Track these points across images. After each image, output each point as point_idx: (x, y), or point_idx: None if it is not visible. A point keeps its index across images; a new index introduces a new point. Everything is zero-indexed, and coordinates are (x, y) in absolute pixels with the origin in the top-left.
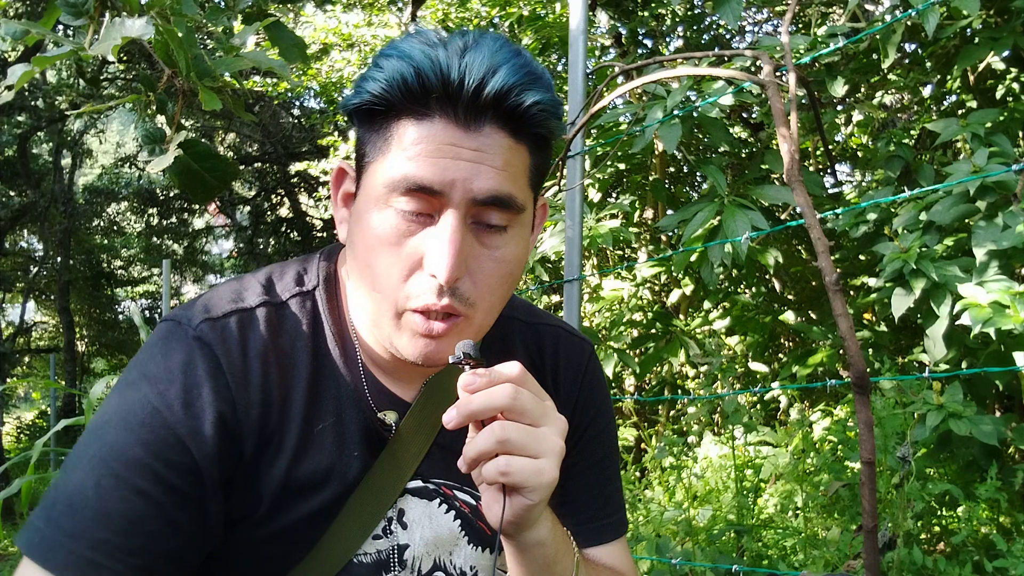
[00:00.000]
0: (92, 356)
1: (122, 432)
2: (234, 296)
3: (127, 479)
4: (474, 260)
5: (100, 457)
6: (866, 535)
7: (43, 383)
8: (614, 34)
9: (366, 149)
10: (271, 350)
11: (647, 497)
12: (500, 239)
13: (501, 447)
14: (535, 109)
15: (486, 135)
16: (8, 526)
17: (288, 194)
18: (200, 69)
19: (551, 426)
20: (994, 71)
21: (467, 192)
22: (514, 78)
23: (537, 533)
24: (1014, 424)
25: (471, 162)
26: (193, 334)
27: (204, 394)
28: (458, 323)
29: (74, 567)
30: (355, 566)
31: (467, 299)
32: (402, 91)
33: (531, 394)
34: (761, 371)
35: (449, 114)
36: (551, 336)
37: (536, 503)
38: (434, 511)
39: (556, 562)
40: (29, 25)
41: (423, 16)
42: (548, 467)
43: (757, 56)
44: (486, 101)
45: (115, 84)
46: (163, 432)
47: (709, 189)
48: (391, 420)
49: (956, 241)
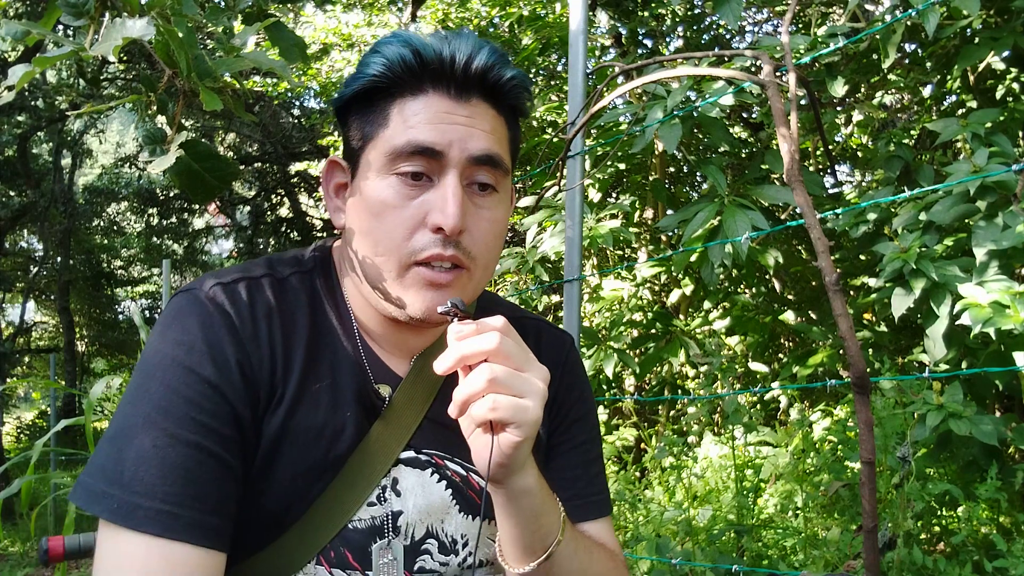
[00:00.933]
0: (92, 356)
1: (164, 395)
2: (240, 269)
3: (180, 435)
4: (471, 218)
5: (151, 420)
6: (866, 535)
7: (43, 383)
8: (614, 34)
9: (363, 133)
10: (275, 312)
11: (647, 497)
12: (490, 200)
13: (490, 386)
14: (512, 83)
15: (474, 105)
16: (8, 526)
17: (288, 194)
18: (201, 69)
19: (534, 371)
20: (994, 71)
21: (464, 151)
22: (494, 57)
23: (524, 480)
24: (1014, 424)
25: (465, 126)
26: (206, 295)
27: (226, 346)
28: (460, 275)
29: (154, 521)
30: (350, 531)
31: (469, 252)
32: (403, 68)
33: (515, 342)
34: (761, 371)
35: (442, 88)
36: (533, 328)
37: (522, 440)
38: (426, 480)
39: (543, 513)
40: (29, 25)
41: (423, 16)
42: (532, 405)
43: (757, 56)
44: (474, 75)
45: (115, 84)
46: (200, 387)
47: (709, 189)
48: (385, 393)
49: (956, 241)
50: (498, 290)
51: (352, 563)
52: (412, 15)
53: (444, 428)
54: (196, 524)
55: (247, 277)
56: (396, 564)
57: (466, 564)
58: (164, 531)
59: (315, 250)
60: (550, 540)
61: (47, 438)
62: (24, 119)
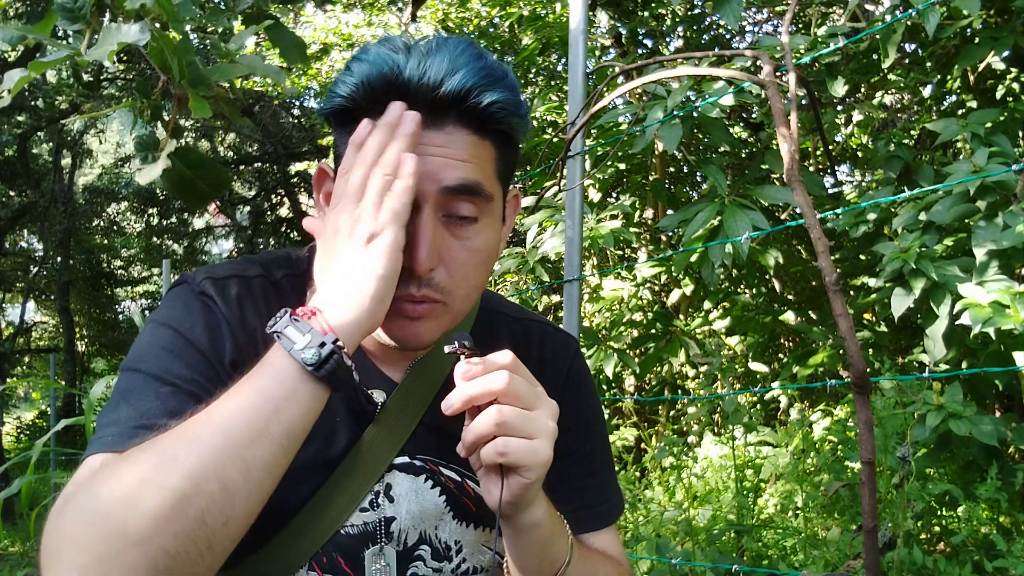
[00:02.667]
0: (92, 356)
1: (165, 356)
2: (235, 266)
3: (181, 386)
4: (447, 251)
5: (152, 374)
6: (866, 535)
7: (43, 383)
8: (614, 34)
9: (341, 150)
10: (264, 312)
11: (647, 497)
12: (471, 229)
13: (499, 429)
14: (494, 107)
15: (449, 132)
16: (8, 526)
17: (288, 194)
18: (194, 76)
19: (544, 409)
20: (994, 71)
21: (436, 183)
22: (473, 79)
23: (533, 514)
24: (1014, 424)
25: (437, 156)
26: (198, 289)
27: (224, 332)
28: (435, 307)
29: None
30: (342, 537)
31: (442, 288)
32: (366, 93)
33: (524, 380)
34: (761, 371)
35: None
36: (537, 331)
37: (532, 482)
38: (420, 486)
39: (552, 543)
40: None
41: (423, 16)
42: (543, 447)
43: (757, 56)
44: (445, 100)
45: (115, 84)
46: (197, 356)
47: (709, 189)
48: (379, 398)
49: (956, 241)
50: (498, 290)
51: (344, 569)
52: (412, 15)
53: (439, 433)
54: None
55: (240, 275)
56: (389, 570)
57: (460, 571)
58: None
59: (310, 251)
60: (559, 565)
61: (47, 438)
62: (24, 119)
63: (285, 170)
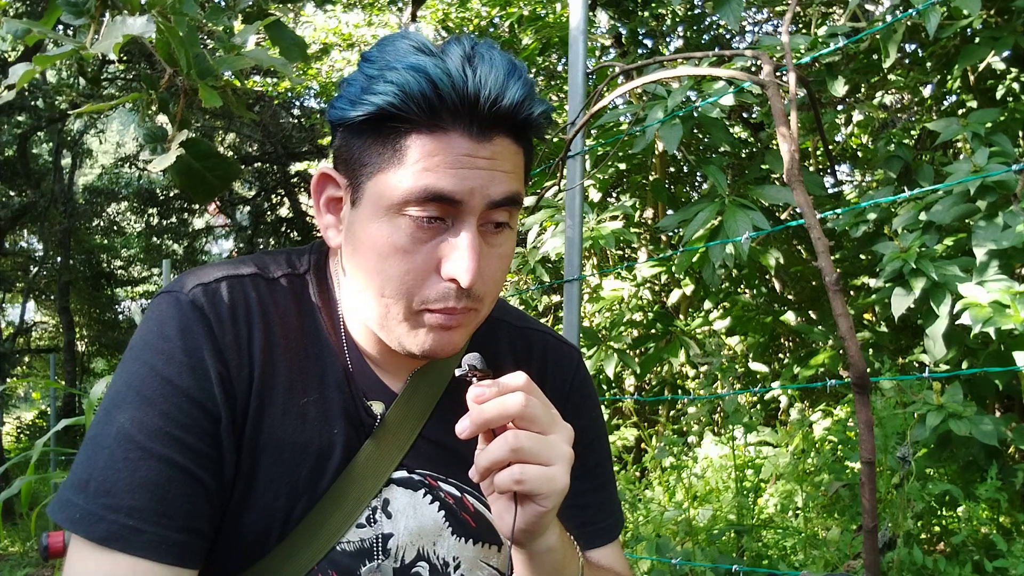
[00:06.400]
0: (92, 356)
1: (140, 406)
2: (227, 267)
3: (152, 449)
4: (484, 260)
5: (124, 432)
6: (866, 535)
7: (43, 383)
8: (614, 34)
9: (368, 158)
10: (257, 316)
11: (647, 497)
12: (502, 236)
13: (515, 455)
14: (542, 119)
15: (496, 144)
16: (8, 526)
17: (288, 194)
18: (201, 68)
19: (560, 433)
20: (994, 71)
21: (485, 198)
22: (523, 91)
23: (547, 540)
24: (1014, 424)
25: (487, 170)
26: (186, 299)
27: (205, 355)
28: (469, 315)
29: (117, 536)
30: (338, 553)
31: (479, 297)
32: (419, 105)
33: (540, 403)
34: (761, 371)
35: (463, 127)
36: (539, 341)
37: (548, 510)
38: (419, 501)
39: (565, 566)
40: (30, 24)
41: (423, 16)
42: (560, 473)
43: (757, 56)
44: (501, 114)
45: (115, 84)
46: (177, 399)
47: (709, 189)
48: (378, 410)
49: (956, 241)
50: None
51: None
52: (412, 15)
53: (438, 447)
54: (161, 541)
55: (231, 276)
56: None
57: None
58: (127, 547)
59: (311, 251)
60: None
61: (47, 438)
62: (24, 119)
63: (285, 170)
